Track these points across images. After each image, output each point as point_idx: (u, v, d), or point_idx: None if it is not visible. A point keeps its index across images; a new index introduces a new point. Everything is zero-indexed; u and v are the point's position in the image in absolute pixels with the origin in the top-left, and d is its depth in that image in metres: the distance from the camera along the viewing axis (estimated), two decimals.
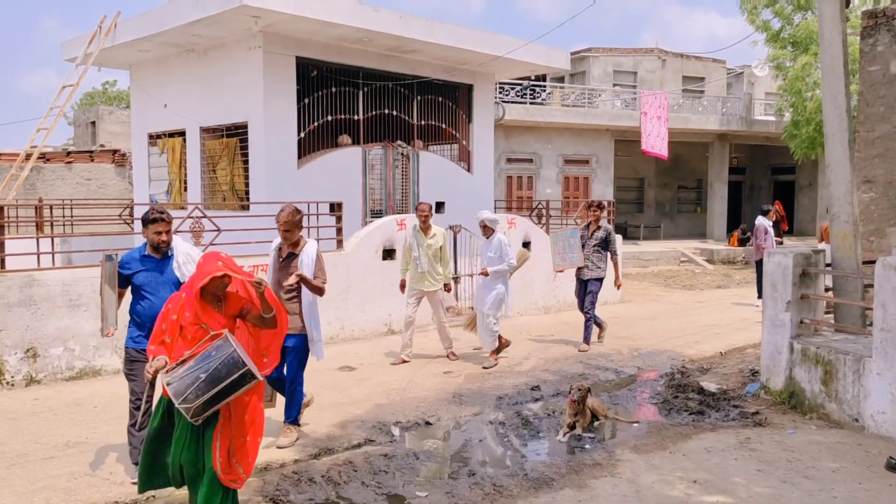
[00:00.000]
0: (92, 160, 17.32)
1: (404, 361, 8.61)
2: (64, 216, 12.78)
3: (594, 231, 9.74)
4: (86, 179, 16.84)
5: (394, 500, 4.90)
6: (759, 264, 12.48)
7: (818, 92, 21.27)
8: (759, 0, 23.44)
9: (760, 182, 31.61)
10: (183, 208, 12.46)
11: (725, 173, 26.95)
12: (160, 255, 5.02)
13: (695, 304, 14.10)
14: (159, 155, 13.55)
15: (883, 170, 9.76)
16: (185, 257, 5.13)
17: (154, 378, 4.04)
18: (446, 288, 8.78)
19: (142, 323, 5.01)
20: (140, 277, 5.02)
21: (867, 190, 9.92)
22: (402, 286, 8.75)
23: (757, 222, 12.98)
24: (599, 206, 9.91)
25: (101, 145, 19.57)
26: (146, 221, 4.97)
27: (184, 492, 4.88)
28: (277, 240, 6.02)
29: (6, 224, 8.15)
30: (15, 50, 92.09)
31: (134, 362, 5.00)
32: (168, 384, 3.76)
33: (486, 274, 8.49)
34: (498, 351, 8.86)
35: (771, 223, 13.02)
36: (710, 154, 27.09)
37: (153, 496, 4.83)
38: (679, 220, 29.74)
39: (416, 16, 11.70)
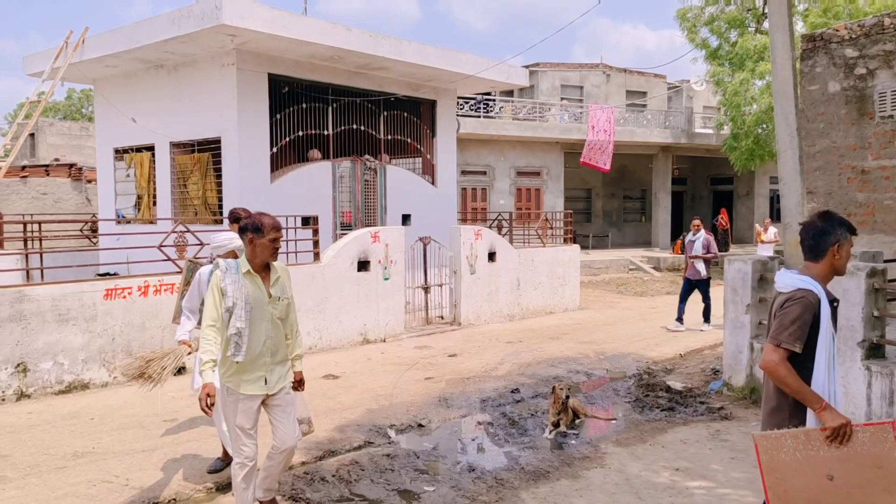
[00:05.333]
0: (48, 174, 17.08)
1: None
2: (25, 232, 12.61)
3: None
4: (42, 194, 16.60)
5: (404, 494, 5.24)
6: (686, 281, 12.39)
7: (755, 106, 22.48)
8: (698, 18, 24.73)
9: (701, 192, 32.96)
10: (152, 223, 12.55)
11: (669, 184, 28.06)
12: None
13: (649, 310, 14.79)
14: (126, 170, 13.55)
15: (823, 182, 10.58)
16: None
17: None
18: (298, 382, 4.56)
19: None
20: None
21: (809, 200, 10.70)
22: (212, 392, 4.03)
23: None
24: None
25: (56, 159, 19.28)
26: None
27: (202, 495, 5.17)
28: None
29: None
30: None
31: None
32: None
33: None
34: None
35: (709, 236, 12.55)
36: (654, 165, 28.17)
37: (174, 499, 5.07)
38: (626, 229, 30.76)
39: (386, 35, 12.08)
